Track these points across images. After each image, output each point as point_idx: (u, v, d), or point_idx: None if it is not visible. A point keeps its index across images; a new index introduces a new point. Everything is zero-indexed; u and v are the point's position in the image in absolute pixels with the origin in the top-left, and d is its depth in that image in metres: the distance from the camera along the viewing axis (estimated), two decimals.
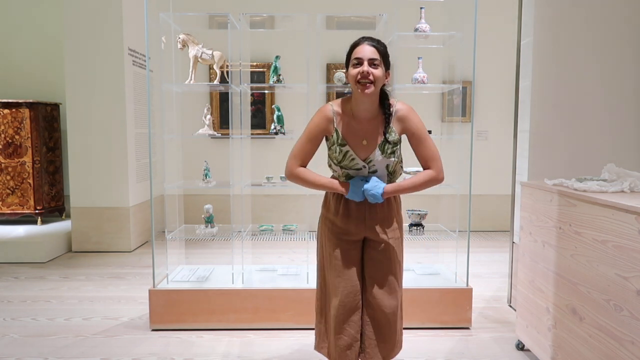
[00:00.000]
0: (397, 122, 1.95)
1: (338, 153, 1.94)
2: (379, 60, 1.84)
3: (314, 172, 2.01)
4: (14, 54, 5.75)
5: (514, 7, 3.41)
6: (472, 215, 5.48)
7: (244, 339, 2.94)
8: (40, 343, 2.87)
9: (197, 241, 5.33)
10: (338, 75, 3.40)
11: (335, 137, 1.95)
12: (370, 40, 1.87)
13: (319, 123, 1.96)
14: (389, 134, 1.93)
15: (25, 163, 5.18)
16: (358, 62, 1.84)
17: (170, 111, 3.35)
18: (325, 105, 1.99)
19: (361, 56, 1.83)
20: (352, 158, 1.93)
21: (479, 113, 5.91)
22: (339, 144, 1.94)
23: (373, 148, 1.93)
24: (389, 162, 1.95)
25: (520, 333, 2.70)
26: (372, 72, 1.82)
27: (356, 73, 1.83)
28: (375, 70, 1.83)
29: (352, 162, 1.94)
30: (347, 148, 1.93)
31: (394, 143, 1.93)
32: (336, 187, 1.98)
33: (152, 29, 3.05)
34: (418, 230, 3.25)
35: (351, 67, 1.87)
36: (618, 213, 1.81)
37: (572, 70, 3.15)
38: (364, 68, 1.82)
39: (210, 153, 5.50)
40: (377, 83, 1.85)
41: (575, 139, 3.16)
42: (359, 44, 1.87)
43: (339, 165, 1.96)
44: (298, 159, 1.98)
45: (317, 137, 1.98)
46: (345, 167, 1.95)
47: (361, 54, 1.84)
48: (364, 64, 1.83)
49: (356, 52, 1.86)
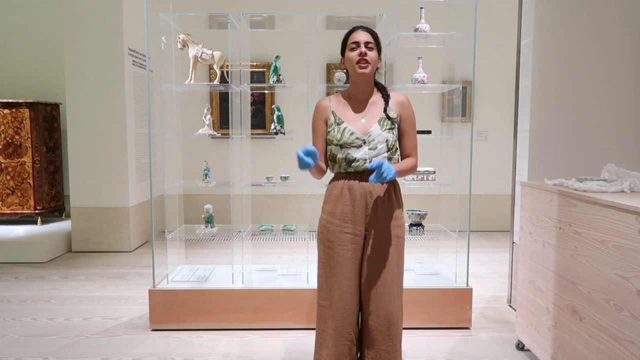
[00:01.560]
0: (397, 105, 2.07)
1: (337, 132, 2.02)
2: (373, 43, 2.01)
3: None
4: (14, 54, 5.75)
5: (514, 7, 3.41)
6: (472, 215, 5.49)
7: (244, 339, 2.94)
8: (40, 343, 2.88)
9: (197, 241, 5.33)
10: (338, 75, 3.40)
11: (332, 119, 2.05)
12: (364, 28, 2.03)
13: (318, 113, 2.10)
14: (388, 111, 2.04)
15: (25, 163, 5.18)
16: (356, 45, 1.99)
17: (170, 111, 3.35)
18: (321, 99, 2.15)
19: (358, 40, 1.99)
20: (351, 132, 2.01)
21: (479, 113, 5.92)
22: (337, 123, 2.03)
23: (372, 124, 2.02)
24: (388, 136, 2.00)
25: (520, 333, 2.70)
26: (368, 54, 1.98)
27: (355, 55, 1.99)
28: (370, 52, 1.99)
29: (351, 136, 2.00)
30: (345, 125, 2.02)
31: (392, 120, 2.03)
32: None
33: (152, 29, 3.05)
34: (418, 230, 3.25)
35: (349, 51, 2.02)
36: (618, 213, 1.81)
37: (572, 70, 3.15)
38: (362, 49, 1.97)
39: (210, 153, 5.50)
40: (373, 64, 2.00)
41: (575, 139, 3.16)
42: (355, 30, 2.03)
43: (339, 145, 2.01)
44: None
45: (321, 128, 2.08)
46: (346, 144, 2.00)
47: (357, 38, 2.00)
48: (361, 46, 1.98)
49: (353, 37, 2.02)
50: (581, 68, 3.15)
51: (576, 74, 3.15)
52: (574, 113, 3.16)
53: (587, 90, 3.16)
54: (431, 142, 3.35)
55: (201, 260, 4.66)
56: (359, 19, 3.74)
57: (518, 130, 3.33)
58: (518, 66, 3.33)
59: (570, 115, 3.16)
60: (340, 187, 2.04)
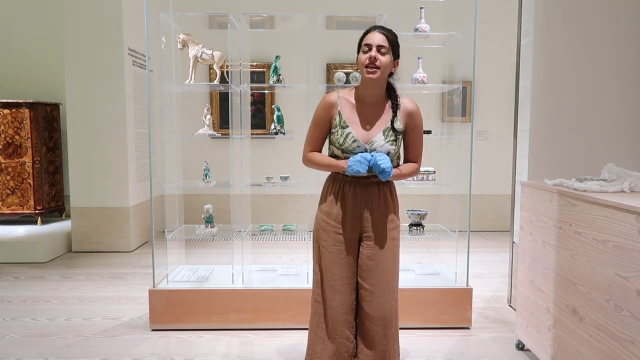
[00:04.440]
0: (405, 115, 2.03)
1: (340, 135, 1.99)
2: (387, 48, 1.94)
3: (323, 155, 2.09)
4: (14, 54, 5.75)
5: (514, 7, 3.41)
6: (472, 215, 5.49)
7: (244, 339, 2.94)
8: (40, 343, 2.87)
9: (197, 241, 5.33)
10: (338, 75, 3.40)
11: (338, 120, 2.01)
12: (381, 29, 1.96)
13: (323, 107, 2.05)
14: (395, 122, 2.00)
15: (25, 163, 5.18)
16: (368, 48, 1.94)
17: (170, 111, 3.35)
18: (331, 92, 2.08)
19: (370, 42, 1.93)
20: (354, 140, 1.98)
21: (479, 113, 5.92)
22: (341, 126, 2.00)
23: (376, 133, 1.99)
24: (390, 148, 1.99)
25: (520, 333, 2.70)
26: (379, 58, 1.92)
27: (365, 58, 1.93)
28: (382, 57, 1.92)
29: (353, 143, 1.98)
30: (349, 130, 1.98)
31: (398, 132, 2.00)
32: (339, 163, 2.01)
33: (152, 29, 3.05)
34: (418, 230, 3.25)
35: (361, 53, 1.97)
36: (618, 213, 1.81)
37: (572, 70, 3.15)
38: (372, 53, 1.92)
39: (210, 153, 5.50)
40: (383, 69, 1.94)
41: (575, 139, 3.16)
42: (371, 31, 1.96)
43: (340, 149, 2.00)
44: (309, 145, 2.09)
45: (322, 121, 2.04)
46: (347, 150, 1.99)
47: (370, 40, 1.94)
48: (372, 50, 1.92)
49: (367, 38, 1.96)
50: (581, 68, 3.15)
51: (576, 74, 3.15)
52: (573, 113, 3.16)
53: (587, 90, 3.16)
54: (431, 142, 3.35)
55: (201, 260, 4.66)
56: (359, 19, 3.74)
57: (518, 130, 3.33)
58: (518, 66, 3.33)
59: (570, 115, 3.15)
60: (338, 188, 2.05)
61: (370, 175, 2.00)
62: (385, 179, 1.94)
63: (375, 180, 2.02)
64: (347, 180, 2.03)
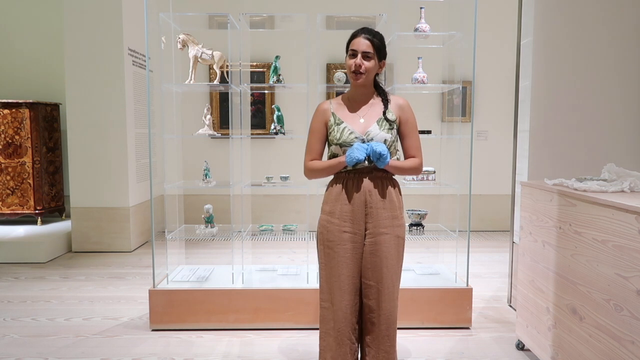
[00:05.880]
0: (396, 108, 2.10)
1: (337, 132, 2.04)
2: (372, 53, 2.01)
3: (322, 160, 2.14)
4: (14, 54, 5.75)
5: (514, 7, 3.41)
6: (472, 215, 5.49)
7: (244, 339, 2.94)
8: (40, 343, 2.87)
9: (197, 241, 5.33)
10: (338, 75, 3.40)
11: (333, 120, 2.07)
12: (366, 33, 2.03)
13: (317, 114, 2.12)
14: (388, 113, 2.06)
15: (25, 163, 5.19)
16: (353, 54, 2.02)
17: (170, 111, 3.35)
18: (322, 102, 2.18)
19: (356, 49, 2.01)
20: (351, 132, 2.03)
21: (479, 113, 5.92)
22: (336, 124, 2.06)
23: (371, 124, 2.04)
24: (386, 136, 2.02)
25: (520, 333, 2.70)
26: (363, 64, 2.00)
27: (351, 64, 2.03)
28: (367, 63, 2.01)
29: (350, 135, 2.02)
30: (344, 124, 2.04)
31: (391, 121, 2.05)
32: (338, 160, 2.04)
33: (152, 29, 3.05)
34: (418, 230, 3.25)
35: (348, 57, 2.05)
36: (618, 213, 1.81)
37: (572, 70, 3.15)
38: (357, 61, 2.00)
39: (210, 153, 5.50)
40: (368, 74, 2.03)
41: (575, 139, 3.16)
42: (357, 36, 2.03)
43: (339, 144, 2.04)
44: (309, 154, 2.14)
45: (318, 127, 2.10)
46: (345, 143, 2.02)
47: (356, 46, 2.01)
48: (357, 56, 2.00)
49: (353, 43, 2.03)
50: (581, 68, 3.15)
51: (576, 74, 3.15)
52: (573, 113, 3.16)
53: (587, 90, 3.16)
54: (431, 142, 3.35)
55: (201, 260, 4.66)
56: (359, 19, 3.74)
57: (518, 130, 3.33)
58: (518, 66, 3.33)
59: (570, 115, 3.16)
60: (340, 186, 2.05)
61: (371, 167, 2.01)
62: (383, 164, 1.96)
63: (378, 174, 2.02)
64: (349, 176, 2.03)
